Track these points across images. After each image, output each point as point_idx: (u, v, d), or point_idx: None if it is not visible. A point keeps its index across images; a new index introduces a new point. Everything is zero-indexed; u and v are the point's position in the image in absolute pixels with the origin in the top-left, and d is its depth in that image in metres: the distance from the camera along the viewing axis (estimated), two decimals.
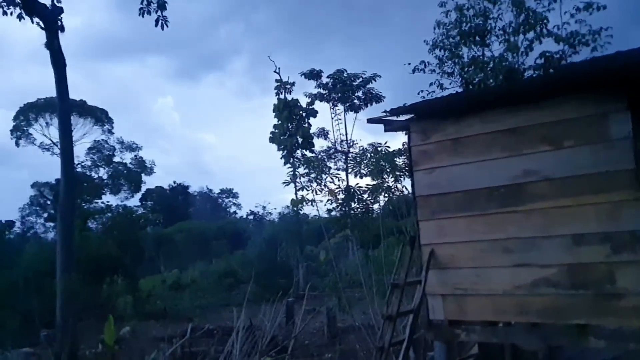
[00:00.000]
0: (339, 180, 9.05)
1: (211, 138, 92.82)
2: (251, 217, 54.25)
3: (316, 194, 9.14)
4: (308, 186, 9.11)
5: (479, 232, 5.22)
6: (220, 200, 62.28)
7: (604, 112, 4.57)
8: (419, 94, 18.26)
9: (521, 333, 5.05)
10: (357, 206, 9.28)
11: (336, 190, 8.89)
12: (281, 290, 18.85)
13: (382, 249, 8.97)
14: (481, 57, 17.80)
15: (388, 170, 9.79)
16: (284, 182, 17.68)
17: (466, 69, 17.90)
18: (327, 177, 8.84)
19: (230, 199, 62.01)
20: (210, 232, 34.41)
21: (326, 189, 8.97)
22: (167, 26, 8.58)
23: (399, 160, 9.64)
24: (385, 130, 5.95)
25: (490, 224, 5.16)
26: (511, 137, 5.06)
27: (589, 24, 15.88)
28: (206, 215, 52.07)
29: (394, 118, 5.72)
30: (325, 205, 9.51)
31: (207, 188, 60.65)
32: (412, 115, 5.71)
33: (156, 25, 8.53)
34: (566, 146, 4.76)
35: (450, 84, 18.16)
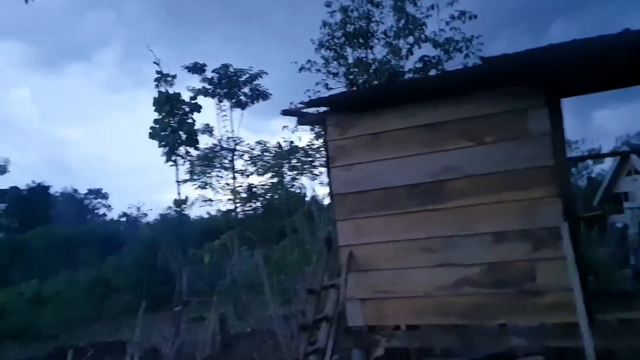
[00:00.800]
0: (242, 177, 8.37)
1: (75, 134, 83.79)
2: (124, 219, 50.59)
3: (216, 192, 8.35)
4: (204, 184, 8.25)
5: (399, 232, 4.97)
6: (88, 201, 57.19)
7: (523, 107, 4.54)
8: (305, 92, 18.27)
9: (441, 335, 4.89)
10: (258, 205, 8.68)
11: (237, 188, 8.19)
12: (162, 298, 17.58)
13: (286, 248, 8.50)
14: (365, 59, 18.20)
15: (285, 167, 9.37)
16: (181, 181, 15.99)
17: (351, 70, 18.20)
18: (228, 174, 8.10)
19: (99, 200, 57.23)
20: (76, 237, 31.16)
21: (227, 187, 8.22)
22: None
23: (297, 157, 9.23)
24: (299, 124, 5.50)
25: (410, 222, 4.94)
26: (431, 132, 4.87)
27: (462, 31, 16.98)
28: (71, 218, 47.38)
29: (309, 110, 5.28)
30: (224, 204, 8.74)
31: (72, 188, 55.24)
32: (328, 108, 5.32)
33: None
34: (487, 142, 4.67)
35: (335, 84, 18.38)
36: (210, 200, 8.29)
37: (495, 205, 4.62)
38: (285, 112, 5.31)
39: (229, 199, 8.01)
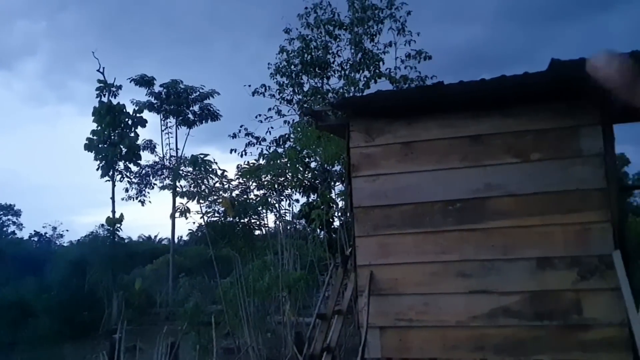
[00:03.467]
0: (229, 186, 7.49)
1: None
2: (35, 239, 46.45)
3: (199, 202, 7.39)
4: (188, 193, 7.33)
5: (430, 252, 4.45)
6: None
7: (576, 125, 4.25)
8: (256, 117, 17.77)
9: None
10: (244, 221, 7.88)
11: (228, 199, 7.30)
12: (88, 325, 15.79)
13: (253, 273, 7.67)
14: (321, 89, 18.03)
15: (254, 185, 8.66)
16: (165, 187, 13.70)
17: (307, 98, 17.91)
18: (216, 183, 7.24)
19: (10, 217, 52.32)
20: None
21: (216, 197, 7.33)
22: None
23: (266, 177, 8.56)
24: (317, 127, 4.91)
25: (443, 243, 4.44)
26: (473, 145, 4.46)
27: (418, 70, 17.31)
28: None
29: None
30: (207, 218, 7.80)
31: None
32: (350, 111, 4.79)
33: None
34: (534, 159, 4.33)
35: (288, 111, 18.05)
36: (188, 211, 7.36)
37: (539, 228, 4.24)
38: (307, 113, 4.76)
39: (222, 211, 7.15)
